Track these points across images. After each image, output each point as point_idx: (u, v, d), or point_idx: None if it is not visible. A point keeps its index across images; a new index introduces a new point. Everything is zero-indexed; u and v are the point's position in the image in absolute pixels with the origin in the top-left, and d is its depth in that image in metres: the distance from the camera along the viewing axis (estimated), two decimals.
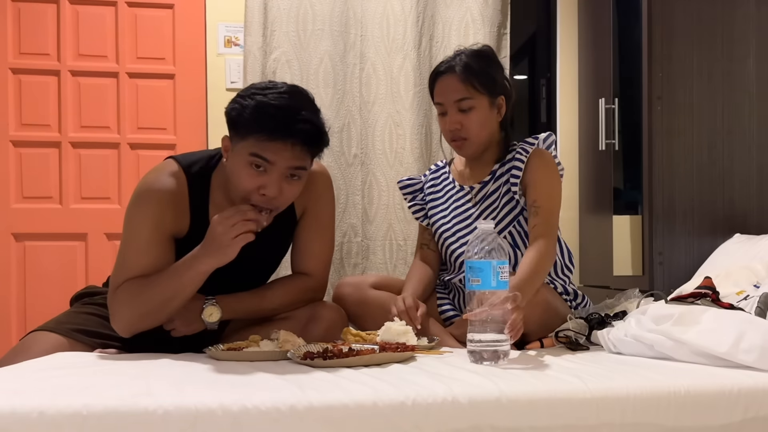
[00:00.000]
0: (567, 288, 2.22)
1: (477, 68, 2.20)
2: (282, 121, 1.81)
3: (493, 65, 2.26)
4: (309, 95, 1.94)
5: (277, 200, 1.88)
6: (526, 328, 1.90)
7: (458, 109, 2.19)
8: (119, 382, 1.41)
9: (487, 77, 2.20)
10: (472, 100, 2.18)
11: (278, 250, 2.18)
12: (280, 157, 1.83)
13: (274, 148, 1.82)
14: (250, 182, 1.85)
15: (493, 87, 2.21)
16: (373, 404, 1.29)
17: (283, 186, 1.87)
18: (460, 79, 2.19)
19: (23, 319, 3.38)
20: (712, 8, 2.95)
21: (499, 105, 2.24)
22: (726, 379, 1.47)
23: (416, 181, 2.46)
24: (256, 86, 1.91)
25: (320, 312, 2.08)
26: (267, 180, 1.84)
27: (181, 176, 1.95)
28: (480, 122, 2.20)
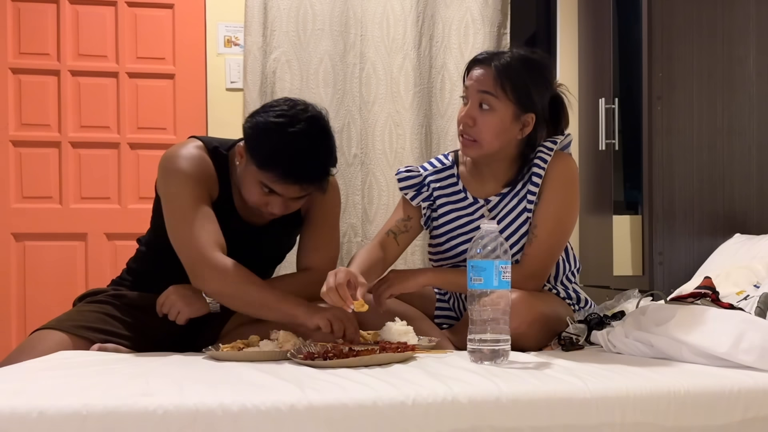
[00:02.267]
0: (570, 294, 2.18)
1: (516, 73, 2.00)
2: (296, 167, 1.90)
3: (536, 79, 2.04)
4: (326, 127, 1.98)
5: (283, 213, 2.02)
6: (526, 344, 1.90)
7: (479, 104, 2.00)
8: (119, 382, 1.41)
9: (522, 86, 2.00)
10: (495, 99, 1.99)
11: (279, 247, 2.22)
12: (289, 191, 1.95)
13: (284, 186, 1.93)
14: (258, 199, 1.97)
15: (524, 99, 2.01)
16: (373, 404, 1.29)
17: (288, 205, 2.00)
18: (493, 74, 1.99)
19: (23, 319, 3.38)
20: (712, 8, 2.95)
21: (526, 122, 2.03)
22: (726, 379, 1.47)
23: (416, 173, 2.20)
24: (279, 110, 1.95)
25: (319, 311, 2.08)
26: (274, 201, 1.97)
27: (204, 149, 2.05)
28: (495, 128, 2.00)
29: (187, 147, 2.04)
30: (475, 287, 1.64)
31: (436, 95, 3.46)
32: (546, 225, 2.02)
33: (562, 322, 1.99)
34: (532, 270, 2.02)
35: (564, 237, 2.07)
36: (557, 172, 2.03)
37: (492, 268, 1.62)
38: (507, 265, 1.64)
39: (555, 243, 2.04)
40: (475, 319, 1.64)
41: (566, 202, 2.05)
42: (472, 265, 1.65)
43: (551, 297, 2.10)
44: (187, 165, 1.99)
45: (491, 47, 3.42)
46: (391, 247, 2.15)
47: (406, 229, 2.18)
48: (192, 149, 2.03)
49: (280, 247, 2.23)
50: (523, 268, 2.00)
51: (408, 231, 2.19)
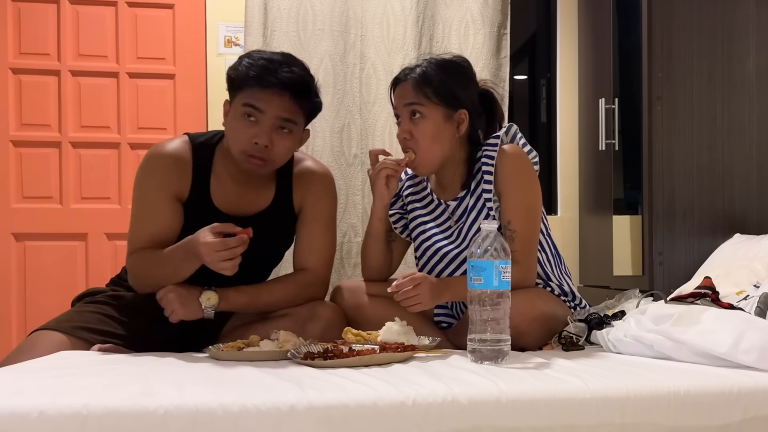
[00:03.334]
0: (564, 289, 2.19)
1: (434, 77, 2.08)
2: (271, 71, 1.98)
3: (455, 77, 2.12)
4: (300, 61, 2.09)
5: (270, 151, 2.01)
6: (526, 342, 1.90)
7: (409, 116, 2.09)
8: (119, 382, 1.41)
9: (442, 87, 2.07)
10: (422, 107, 2.07)
11: (275, 246, 2.21)
12: (270, 105, 1.98)
13: (264, 97, 1.98)
14: (243, 134, 1.99)
15: (449, 98, 2.08)
16: (373, 404, 1.29)
17: (273, 137, 2.00)
18: (412, 86, 2.08)
19: (23, 319, 3.38)
20: (712, 8, 2.95)
21: (460, 119, 2.10)
22: (726, 379, 1.47)
23: None
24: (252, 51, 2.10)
25: (319, 311, 2.08)
26: (259, 130, 1.98)
27: (187, 144, 2.10)
28: (431, 134, 2.07)
29: (166, 142, 2.11)
30: (475, 287, 1.64)
31: None
32: (518, 218, 2.06)
33: (561, 320, 2.00)
34: (523, 264, 2.04)
35: (538, 224, 2.12)
36: (508, 165, 2.08)
37: (492, 268, 1.62)
38: (507, 265, 1.65)
39: (533, 233, 2.10)
40: (475, 319, 1.64)
41: (528, 191, 2.10)
42: (472, 265, 1.65)
43: (549, 295, 2.12)
44: (151, 163, 2.07)
45: (491, 47, 3.42)
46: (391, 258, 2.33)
47: (391, 238, 2.32)
48: (170, 144, 2.10)
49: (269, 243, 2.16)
50: (516, 264, 2.01)
51: (394, 240, 2.33)
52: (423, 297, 1.96)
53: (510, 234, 2.05)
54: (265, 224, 2.10)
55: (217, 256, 1.83)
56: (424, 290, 1.96)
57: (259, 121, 1.99)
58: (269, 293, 2.07)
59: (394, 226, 2.33)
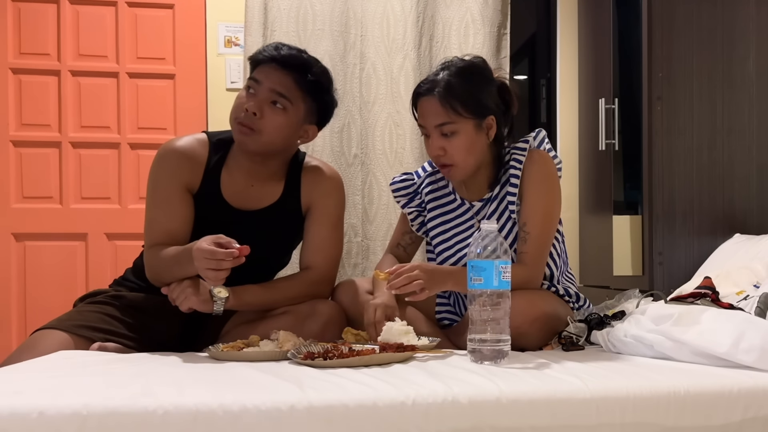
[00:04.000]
0: (569, 291, 2.19)
1: (460, 89, 2.03)
2: (276, 48, 2.10)
3: (480, 83, 2.08)
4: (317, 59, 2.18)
5: (258, 121, 2.04)
6: (527, 343, 1.90)
7: (441, 134, 2.05)
8: (119, 382, 1.41)
9: (470, 98, 2.04)
10: (454, 124, 2.03)
11: (280, 243, 2.21)
12: (266, 77, 2.06)
13: (264, 69, 2.07)
14: (239, 104, 2.06)
15: (478, 108, 2.05)
16: (373, 404, 1.29)
17: (264, 108, 2.04)
18: (440, 103, 2.03)
19: (23, 319, 3.39)
20: (712, 8, 2.95)
21: (489, 126, 2.08)
22: (726, 379, 1.47)
23: (411, 182, 2.31)
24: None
25: (319, 308, 2.09)
26: (252, 99, 2.05)
27: (203, 139, 2.16)
28: (465, 148, 2.05)
29: (181, 137, 2.17)
30: (475, 287, 1.64)
31: None
32: (535, 221, 2.06)
33: (562, 321, 2.00)
34: (532, 265, 2.05)
35: (553, 230, 2.12)
36: (534, 170, 2.09)
37: (492, 268, 1.62)
38: (507, 265, 1.65)
39: (547, 237, 2.09)
40: (475, 319, 1.64)
41: (549, 197, 2.10)
42: (472, 265, 1.65)
43: (551, 296, 2.11)
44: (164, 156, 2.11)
45: (491, 47, 3.42)
46: (403, 257, 2.33)
47: (411, 240, 2.34)
48: (184, 138, 2.15)
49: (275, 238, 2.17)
50: (524, 265, 2.02)
51: (413, 243, 2.35)
52: (422, 277, 1.91)
53: (524, 235, 2.05)
54: (272, 219, 2.13)
55: (204, 263, 1.84)
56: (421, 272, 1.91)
57: (257, 92, 2.06)
58: (277, 291, 2.08)
59: (412, 223, 2.31)
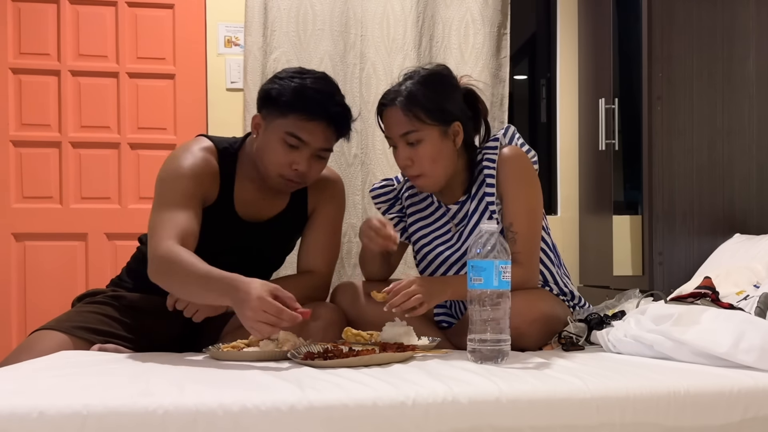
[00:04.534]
0: (564, 289, 2.20)
1: (422, 97, 2.01)
2: (320, 103, 1.98)
3: (443, 90, 2.06)
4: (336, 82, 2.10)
5: (307, 175, 2.04)
6: (526, 343, 1.90)
7: (406, 143, 2.04)
8: (119, 382, 1.41)
9: (433, 105, 2.02)
10: (418, 132, 2.02)
11: (284, 248, 2.23)
12: (314, 137, 1.99)
13: (310, 129, 1.98)
14: (283, 158, 2.00)
15: (442, 115, 2.03)
16: (373, 404, 1.29)
17: (312, 163, 2.02)
18: (403, 112, 2.01)
19: (23, 319, 3.38)
20: (712, 8, 2.95)
21: (455, 132, 2.06)
22: (726, 379, 1.47)
23: (390, 188, 2.30)
24: (291, 70, 2.08)
25: (318, 311, 2.08)
26: (299, 157, 2.00)
27: (212, 149, 2.09)
28: (431, 156, 2.03)
29: (193, 147, 2.07)
30: (475, 287, 1.64)
31: None
32: (521, 220, 2.05)
33: (561, 320, 2.00)
34: (526, 266, 2.04)
35: (539, 225, 2.11)
36: (510, 167, 2.07)
37: (492, 268, 1.62)
38: (507, 265, 1.65)
39: (535, 234, 2.09)
40: (475, 319, 1.64)
41: (530, 192, 2.09)
42: (472, 265, 1.65)
43: (550, 296, 2.11)
44: (184, 162, 2.01)
45: (491, 47, 3.42)
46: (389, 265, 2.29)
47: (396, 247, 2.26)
48: (197, 150, 2.06)
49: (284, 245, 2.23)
50: (518, 266, 2.01)
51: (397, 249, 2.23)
52: (420, 291, 1.91)
53: (512, 236, 2.05)
54: (278, 228, 2.15)
55: (260, 315, 1.65)
56: (418, 286, 1.92)
57: (300, 149, 1.99)
58: None
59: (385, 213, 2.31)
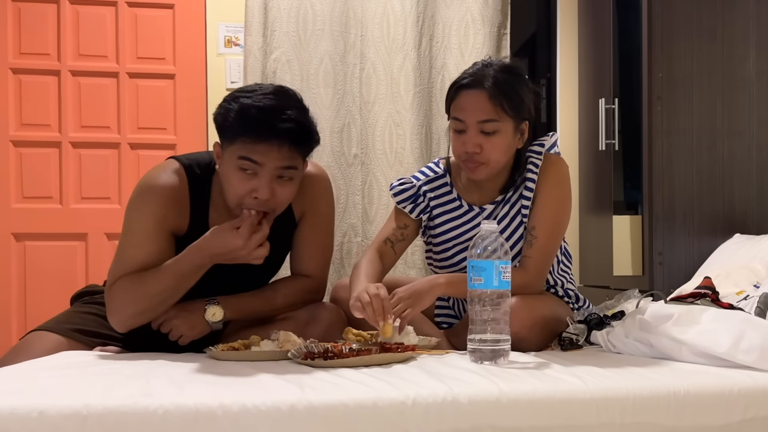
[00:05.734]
0: (569, 292, 2.19)
1: (508, 87, 1.97)
2: (266, 122, 1.81)
3: (524, 85, 2.03)
4: (296, 95, 1.93)
5: (271, 202, 1.88)
6: (526, 347, 1.90)
7: (481, 131, 1.96)
8: (119, 382, 1.41)
9: (517, 99, 1.98)
10: (498, 123, 1.96)
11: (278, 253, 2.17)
12: (268, 158, 1.83)
13: (261, 150, 1.82)
14: (241, 187, 1.85)
15: (521, 110, 2.00)
16: (373, 404, 1.29)
17: (274, 188, 1.87)
18: (489, 98, 1.95)
19: (23, 319, 3.39)
20: (712, 8, 2.95)
21: (523, 130, 2.03)
22: (726, 379, 1.47)
23: (410, 185, 2.18)
24: (241, 89, 1.92)
25: (319, 313, 2.08)
26: (257, 183, 1.85)
27: (183, 175, 1.96)
28: (503, 148, 1.99)
29: (160, 173, 1.96)
30: (475, 287, 1.64)
31: (436, 95, 3.46)
32: (544, 226, 2.03)
33: (562, 323, 1.99)
34: (535, 271, 2.02)
35: (561, 237, 2.10)
36: (549, 175, 2.06)
37: (492, 268, 1.62)
38: (507, 265, 1.64)
39: (554, 243, 2.06)
40: (475, 319, 1.64)
41: (561, 203, 2.07)
42: (472, 265, 1.65)
43: (551, 298, 2.11)
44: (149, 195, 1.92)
45: (491, 47, 3.42)
46: (389, 255, 2.16)
47: (402, 237, 2.18)
48: (165, 176, 1.95)
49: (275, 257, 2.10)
50: (527, 270, 2.01)
51: (404, 239, 2.18)
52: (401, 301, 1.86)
53: (530, 239, 2.02)
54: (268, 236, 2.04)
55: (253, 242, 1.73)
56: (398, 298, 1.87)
57: (258, 173, 1.84)
58: (271, 300, 2.05)
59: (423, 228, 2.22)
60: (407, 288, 1.94)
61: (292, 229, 2.13)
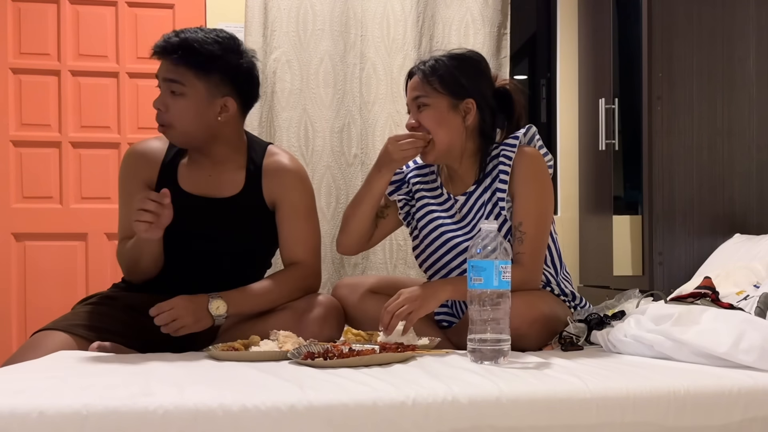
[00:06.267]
0: (564, 290, 2.20)
1: (441, 68, 2.11)
2: (163, 39, 2.07)
3: (466, 68, 2.13)
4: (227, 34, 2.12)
5: (166, 115, 2.07)
6: (526, 344, 1.90)
7: (416, 108, 2.13)
8: (119, 382, 1.41)
9: (450, 77, 2.10)
10: (427, 98, 2.10)
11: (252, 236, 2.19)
12: (160, 70, 2.08)
13: (160, 66, 2.08)
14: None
15: (455, 88, 2.10)
16: (373, 404, 1.29)
17: (167, 101, 2.06)
18: (420, 78, 2.12)
19: (23, 319, 3.38)
20: (712, 8, 2.95)
21: (466, 109, 2.11)
22: (726, 379, 1.47)
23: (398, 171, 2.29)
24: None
25: (317, 301, 2.10)
26: (159, 97, 2.08)
27: (162, 138, 2.18)
28: (435, 120, 2.10)
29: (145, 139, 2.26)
30: (475, 287, 1.64)
31: None
32: (530, 220, 2.05)
33: (561, 321, 2.00)
34: (531, 266, 2.04)
35: (548, 227, 2.12)
36: (525, 167, 2.08)
37: (492, 268, 1.63)
38: (507, 265, 1.65)
39: (543, 237, 2.08)
40: (475, 319, 1.65)
41: (542, 194, 2.10)
42: (472, 265, 1.65)
43: (550, 296, 2.11)
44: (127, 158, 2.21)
45: (491, 47, 3.42)
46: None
47: (382, 215, 2.29)
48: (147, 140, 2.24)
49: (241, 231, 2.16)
50: (523, 265, 2.02)
51: (385, 217, 2.29)
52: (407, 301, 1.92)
53: (520, 236, 2.04)
54: (236, 209, 2.14)
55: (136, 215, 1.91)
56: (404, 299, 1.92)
57: (161, 89, 2.08)
58: (271, 292, 2.08)
59: (400, 211, 2.30)
60: (413, 291, 1.96)
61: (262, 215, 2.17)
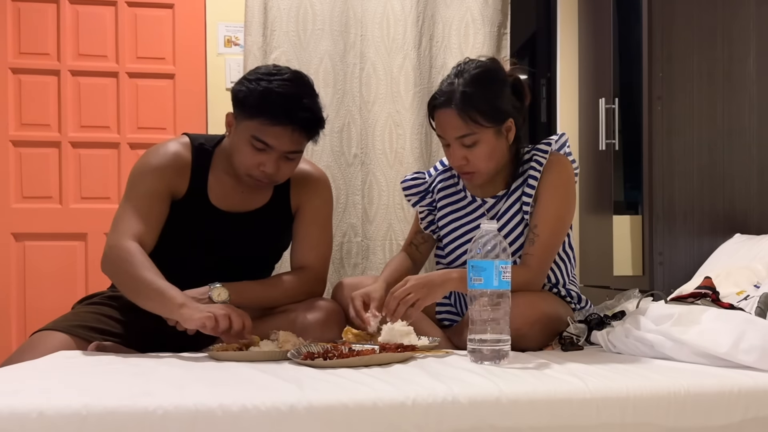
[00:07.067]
0: (571, 292, 2.20)
1: (477, 99, 2.01)
2: (284, 108, 1.97)
3: (496, 88, 2.06)
4: (309, 81, 2.09)
5: (275, 176, 2.05)
6: (527, 345, 1.90)
7: (462, 145, 2.04)
8: (119, 382, 1.41)
9: (489, 106, 2.02)
10: (475, 135, 2.02)
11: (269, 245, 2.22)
12: (280, 142, 1.99)
13: (275, 133, 1.98)
14: (250, 159, 2.02)
15: (497, 115, 2.04)
16: (373, 404, 1.29)
17: (280, 165, 2.03)
18: (459, 115, 2.01)
19: (23, 319, 3.38)
20: (712, 8, 2.95)
21: (508, 128, 2.08)
22: (726, 379, 1.47)
23: (421, 181, 2.30)
24: (262, 70, 2.06)
25: (318, 304, 2.12)
26: (266, 159, 2.01)
27: (187, 144, 2.13)
28: (487, 155, 2.05)
29: (168, 143, 2.13)
30: (475, 287, 1.64)
31: None
32: (547, 224, 2.05)
33: (563, 322, 2.00)
34: (537, 269, 2.04)
35: (563, 236, 2.12)
36: (554, 174, 2.08)
37: (492, 268, 1.62)
38: (507, 265, 1.64)
39: (555, 242, 2.08)
40: (475, 319, 1.64)
41: (565, 202, 2.10)
42: (472, 265, 1.65)
43: (552, 297, 2.11)
44: (152, 159, 2.09)
45: (491, 47, 3.41)
46: (417, 256, 2.33)
47: (424, 240, 2.33)
48: (171, 144, 2.12)
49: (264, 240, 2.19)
50: (529, 267, 2.03)
51: (426, 241, 2.33)
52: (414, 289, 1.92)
53: (533, 237, 2.05)
54: (261, 222, 2.15)
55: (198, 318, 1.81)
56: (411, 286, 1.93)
57: (267, 151, 2.01)
58: (275, 289, 2.11)
59: (422, 221, 2.31)
60: (420, 278, 1.98)
61: (287, 223, 2.18)
